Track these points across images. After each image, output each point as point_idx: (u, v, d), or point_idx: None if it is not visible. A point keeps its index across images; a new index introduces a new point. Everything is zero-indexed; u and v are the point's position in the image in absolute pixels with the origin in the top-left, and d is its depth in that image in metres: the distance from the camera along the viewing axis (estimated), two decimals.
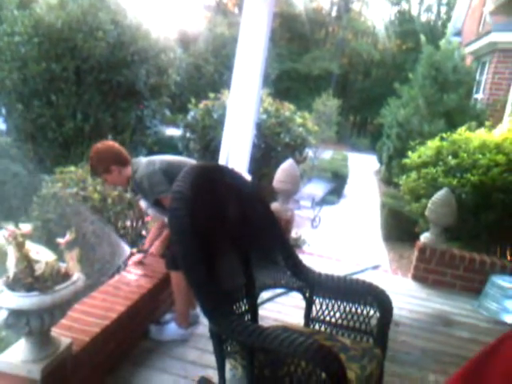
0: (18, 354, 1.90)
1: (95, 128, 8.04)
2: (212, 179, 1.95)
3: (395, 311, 1.94)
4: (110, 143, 2.90)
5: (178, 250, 1.64)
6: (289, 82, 26.86)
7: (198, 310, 3.07)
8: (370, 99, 27.22)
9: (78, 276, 1.97)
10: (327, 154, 14.96)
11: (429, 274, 4.44)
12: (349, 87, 31.53)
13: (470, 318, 3.79)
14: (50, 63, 7.68)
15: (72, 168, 5.13)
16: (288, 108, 7.42)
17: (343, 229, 8.40)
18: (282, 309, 3.46)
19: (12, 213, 5.82)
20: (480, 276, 4.26)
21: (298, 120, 7.35)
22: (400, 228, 7.87)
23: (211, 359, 2.67)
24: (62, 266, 1.96)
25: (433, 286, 4.38)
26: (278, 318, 3.26)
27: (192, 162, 2.93)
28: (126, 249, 3.35)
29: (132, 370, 2.55)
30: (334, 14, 34.28)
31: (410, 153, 6.21)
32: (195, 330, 3.01)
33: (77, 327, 2.28)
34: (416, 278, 4.50)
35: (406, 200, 6.11)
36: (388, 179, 13.03)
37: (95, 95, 8.04)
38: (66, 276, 1.94)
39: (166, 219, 3.11)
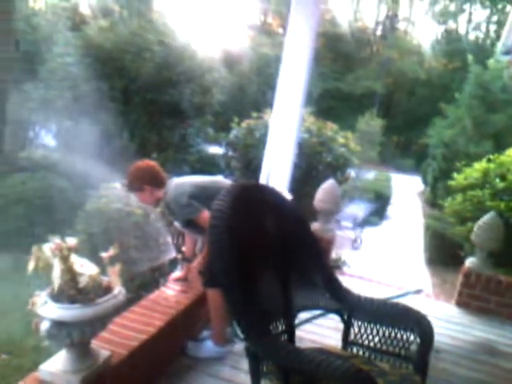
0: (59, 364, 1.95)
1: (141, 146, 8.27)
2: (252, 198, 1.96)
3: (436, 337, 1.88)
4: (151, 163, 2.95)
5: (217, 267, 1.65)
6: (331, 100, 26.80)
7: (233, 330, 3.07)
8: (415, 119, 26.79)
9: (119, 290, 2.01)
10: (370, 175, 14.76)
11: (473, 300, 4.27)
12: (393, 107, 31.17)
13: None
14: (99, 83, 7.98)
15: (116, 184, 5.28)
16: (330, 127, 7.40)
17: (385, 251, 8.24)
18: (319, 330, 3.41)
19: (57, 226, 6.01)
20: None
21: (340, 140, 7.32)
22: (444, 251, 7.65)
23: (246, 378, 2.65)
24: (105, 279, 2.01)
25: (477, 313, 4.21)
26: (315, 339, 3.21)
27: (227, 181, 2.96)
28: (173, 251, 3.41)
29: None
30: (379, 32, 34.16)
31: (455, 174, 6.06)
32: (232, 348, 3.00)
33: (116, 340, 2.32)
34: (459, 303, 4.34)
35: (450, 223, 5.94)
36: (432, 201, 12.73)
37: (141, 114, 8.30)
38: (108, 289, 1.99)
39: (199, 238, 3.14)
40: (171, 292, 3.03)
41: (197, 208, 2.69)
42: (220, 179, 3.08)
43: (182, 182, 2.87)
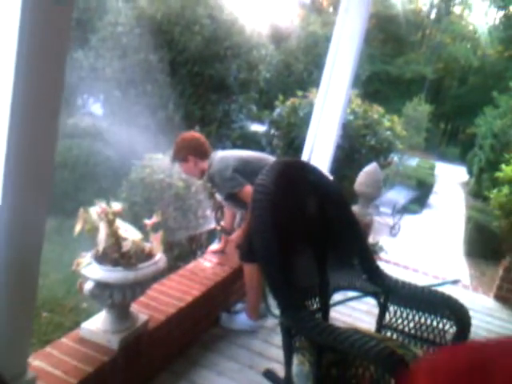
0: (99, 324, 2.03)
1: (184, 119, 8.34)
2: (295, 175, 1.96)
3: (472, 329, 1.85)
4: (197, 135, 2.99)
5: (257, 241, 1.66)
6: (379, 84, 26.21)
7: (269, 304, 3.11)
8: (464, 107, 25.93)
9: (160, 257, 2.07)
10: (413, 161, 14.44)
11: None
12: (442, 93, 30.23)
13: None
14: (148, 54, 8.06)
15: (160, 155, 5.36)
16: (376, 110, 7.25)
17: (424, 239, 8.09)
18: (352, 313, 3.41)
19: (101, 193, 6.17)
20: None
21: (386, 123, 7.17)
22: (484, 244, 7.45)
23: (277, 353, 2.71)
24: (147, 245, 2.07)
25: None
26: (347, 321, 3.22)
27: (271, 158, 2.96)
28: (213, 222, 3.46)
29: (201, 353, 2.63)
30: (432, 16, 32.98)
31: (503, 166, 5.85)
32: (264, 323, 3.05)
33: (154, 306, 2.39)
34: (498, 297, 4.25)
35: (494, 215, 5.77)
36: (477, 192, 12.37)
37: (187, 87, 8.35)
38: (150, 256, 2.05)
39: (240, 211, 3.17)
40: (208, 264, 3.09)
41: (240, 182, 2.72)
42: (264, 155, 3.08)
43: (227, 156, 2.89)
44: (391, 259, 5.04)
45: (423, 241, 7.99)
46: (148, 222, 2.13)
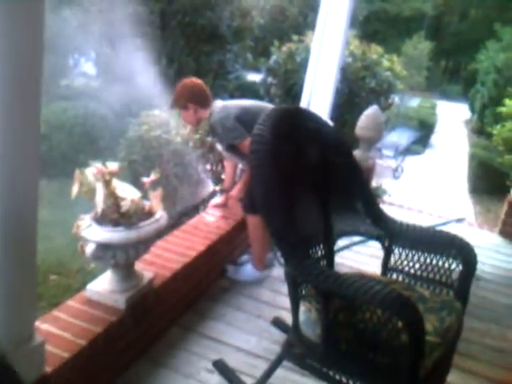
0: (105, 284, 2.03)
1: (179, 72, 8.15)
2: (293, 122, 1.90)
3: (478, 266, 1.84)
4: (198, 81, 2.91)
5: (258, 192, 1.63)
6: (377, 23, 25.41)
7: (272, 255, 3.12)
8: (466, 43, 25.22)
9: (160, 214, 2.05)
10: (414, 101, 14.20)
11: None
12: (442, 30, 29.31)
13: None
14: (135, 6, 7.79)
15: (156, 112, 5.27)
16: (375, 51, 7.05)
17: (427, 180, 8.06)
18: (358, 257, 3.43)
19: (100, 153, 6.13)
20: None
21: (386, 64, 6.99)
22: (489, 181, 7.42)
23: (285, 301, 2.72)
24: (146, 204, 2.04)
25: None
26: (353, 266, 3.23)
27: (270, 106, 2.89)
28: (210, 185, 3.44)
29: (210, 305, 2.66)
30: None
31: (507, 100, 5.73)
32: (270, 273, 3.07)
33: (159, 263, 2.39)
34: (503, 233, 4.25)
35: (498, 151, 5.71)
36: (479, 129, 12.23)
37: (179, 39, 8.12)
38: (150, 214, 2.02)
39: (241, 163, 3.13)
40: (211, 218, 3.07)
41: (241, 133, 2.67)
42: (264, 104, 3.02)
43: (228, 105, 2.84)
44: (395, 202, 5.03)
45: (427, 181, 7.97)
46: (146, 180, 2.09)
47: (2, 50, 1.14)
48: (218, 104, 2.85)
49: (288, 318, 2.44)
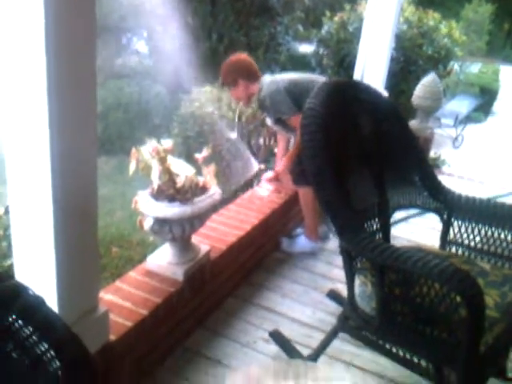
0: (164, 257, 2.10)
1: (229, 48, 8.11)
2: (346, 95, 1.85)
3: None
4: (243, 56, 2.90)
5: (309, 166, 1.61)
6: None
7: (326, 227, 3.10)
8: None
9: (214, 190, 2.08)
10: (475, 68, 13.49)
11: None
12: None
13: None
14: None
15: (208, 88, 5.30)
16: (432, 17, 6.73)
17: (489, 150, 7.71)
18: (415, 229, 3.35)
19: (155, 130, 6.26)
20: None
21: (443, 30, 6.66)
22: None
23: (340, 273, 2.70)
24: (201, 179, 2.07)
25: None
26: (410, 238, 3.17)
27: (322, 78, 2.84)
28: (255, 165, 3.44)
29: (265, 277, 2.71)
30: None
31: None
32: (325, 245, 3.06)
33: (214, 236, 2.45)
34: None
35: None
36: None
37: (229, 14, 8.05)
38: (204, 189, 2.06)
39: (290, 137, 3.11)
40: (265, 192, 3.08)
41: (290, 107, 2.65)
42: (314, 76, 2.97)
43: (277, 78, 2.81)
44: (455, 172, 4.85)
45: (489, 151, 7.62)
46: (199, 156, 2.12)
47: (56, 30, 1.17)
48: (267, 78, 2.82)
49: (343, 290, 2.44)
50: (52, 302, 1.37)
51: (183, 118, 5.05)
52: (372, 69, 4.23)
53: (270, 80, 2.80)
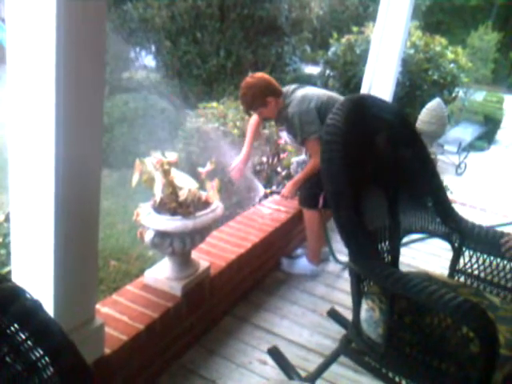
0: (163, 272, 2.07)
1: (237, 65, 8.18)
2: (366, 112, 1.79)
3: None
4: (261, 75, 2.80)
5: (329, 186, 1.55)
6: (441, 14, 24.43)
7: (328, 249, 3.07)
8: None
9: (217, 204, 2.06)
10: (480, 95, 13.56)
11: None
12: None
13: None
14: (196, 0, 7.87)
15: (214, 104, 5.32)
16: (439, 42, 6.79)
17: (491, 178, 7.70)
18: (416, 254, 3.32)
19: (160, 145, 6.24)
20: None
21: (450, 56, 6.71)
22: None
23: (340, 296, 2.69)
24: (203, 194, 2.05)
25: None
26: (411, 263, 3.13)
27: (341, 97, 2.78)
28: (261, 189, 3.40)
29: (264, 297, 2.66)
30: None
31: None
32: (325, 267, 3.03)
33: (214, 253, 2.41)
34: None
35: None
36: None
37: (237, 31, 8.13)
38: (207, 204, 2.04)
39: (305, 160, 3.06)
40: (267, 210, 3.06)
41: (318, 129, 2.58)
42: (335, 94, 2.92)
43: (309, 96, 2.69)
44: (457, 199, 4.83)
45: (491, 179, 7.60)
46: (202, 170, 2.11)
47: (67, 43, 1.16)
48: (298, 93, 2.72)
49: (343, 313, 2.41)
50: (48, 310, 1.34)
51: (188, 133, 5.06)
52: (378, 91, 4.24)
53: (301, 96, 2.69)
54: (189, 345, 2.16)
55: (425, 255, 3.29)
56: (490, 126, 10.14)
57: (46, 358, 0.90)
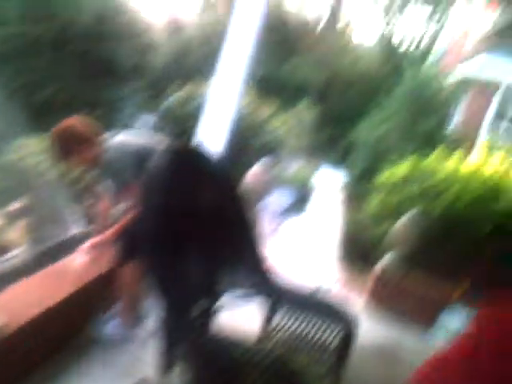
0: None
1: (68, 103, 7.72)
2: (188, 164, 1.77)
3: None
4: (71, 122, 2.56)
5: (145, 236, 1.49)
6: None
7: (142, 311, 2.91)
8: (352, 112, 27.23)
9: (20, 250, 1.80)
10: (295, 165, 14.86)
11: (384, 299, 4.36)
12: (331, 97, 31.55)
13: (419, 349, 3.71)
14: (29, 25, 7.33)
15: (34, 139, 4.89)
16: (267, 109, 7.32)
17: (301, 244, 8.32)
18: (238, 312, 3.32)
19: None
20: (433, 308, 4.13)
21: (274, 123, 7.27)
22: (358, 249, 7.80)
23: (152, 360, 2.52)
24: (7, 236, 1.78)
25: (386, 312, 4.30)
26: (233, 321, 3.11)
27: (163, 143, 2.71)
28: (71, 227, 3.11)
29: (71, 361, 2.41)
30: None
31: (381, 173, 6.15)
32: (138, 330, 2.84)
33: (11, 309, 2.08)
34: (371, 302, 4.42)
35: (368, 223, 6.04)
36: (356, 196, 13.03)
37: (69, 68, 7.73)
38: (6, 248, 1.77)
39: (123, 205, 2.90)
40: (79, 261, 2.74)
41: (129, 179, 2.45)
42: (160, 141, 2.82)
43: (126, 141, 2.61)
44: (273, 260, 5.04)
45: (300, 246, 8.21)
46: (11, 209, 1.84)
47: None
48: (116, 139, 2.61)
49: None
50: None
51: (4, 167, 4.52)
52: (210, 146, 4.32)
53: (119, 142, 2.58)
54: None
55: (246, 313, 3.31)
56: (303, 195, 11.05)
57: None
